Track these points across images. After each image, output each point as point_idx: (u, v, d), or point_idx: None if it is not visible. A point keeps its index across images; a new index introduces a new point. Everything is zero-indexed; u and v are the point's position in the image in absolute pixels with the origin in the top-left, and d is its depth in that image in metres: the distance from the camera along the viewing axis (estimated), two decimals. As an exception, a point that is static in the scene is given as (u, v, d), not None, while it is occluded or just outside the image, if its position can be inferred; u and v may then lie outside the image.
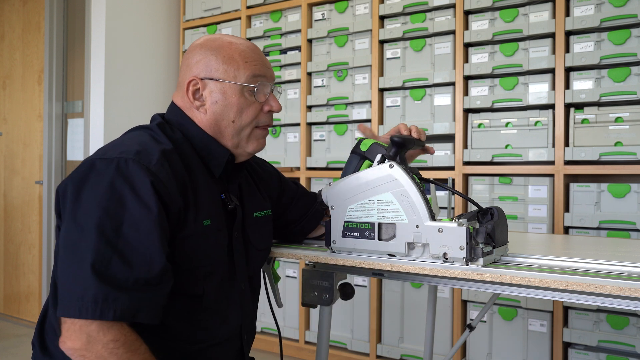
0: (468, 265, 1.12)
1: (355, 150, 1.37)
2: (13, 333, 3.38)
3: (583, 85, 2.32)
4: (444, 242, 1.14)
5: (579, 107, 2.37)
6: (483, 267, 1.12)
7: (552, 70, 2.39)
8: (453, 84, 2.58)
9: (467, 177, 2.57)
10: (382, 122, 2.79)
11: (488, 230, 1.14)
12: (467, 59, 2.56)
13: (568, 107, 2.37)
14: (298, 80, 3.05)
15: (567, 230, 2.35)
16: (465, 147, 2.55)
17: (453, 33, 2.58)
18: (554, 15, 2.37)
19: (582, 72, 2.33)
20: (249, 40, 1.23)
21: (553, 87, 2.39)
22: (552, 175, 2.39)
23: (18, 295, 3.72)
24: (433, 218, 1.17)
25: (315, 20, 3.01)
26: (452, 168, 2.59)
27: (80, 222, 0.97)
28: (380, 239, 1.23)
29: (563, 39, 2.34)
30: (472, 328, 1.76)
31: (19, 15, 3.74)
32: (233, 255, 1.20)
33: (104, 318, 0.92)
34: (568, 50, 2.35)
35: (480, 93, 2.53)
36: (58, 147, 3.47)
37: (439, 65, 2.63)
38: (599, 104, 2.32)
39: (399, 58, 2.74)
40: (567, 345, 2.33)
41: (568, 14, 2.36)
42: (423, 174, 1.39)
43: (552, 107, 2.40)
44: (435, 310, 1.91)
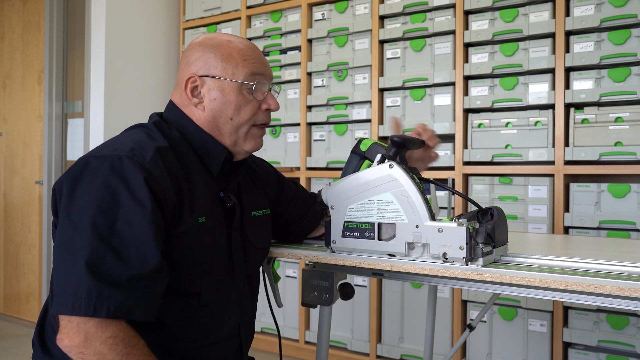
0: (468, 265, 1.12)
1: (355, 150, 1.37)
2: (13, 333, 3.38)
3: (583, 85, 2.32)
4: (444, 242, 1.14)
5: (579, 107, 2.37)
6: (483, 267, 1.12)
7: (552, 70, 2.39)
8: (453, 84, 2.58)
9: (467, 177, 2.57)
10: (382, 122, 2.79)
11: (488, 230, 1.14)
12: (467, 59, 2.56)
13: (568, 107, 2.37)
14: (298, 80, 3.05)
15: (567, 230, 2.35)
16: (465, 147, 2.55)
17: (453, 33, 2.58)
18: (554, 15, 2.37)
19: (582, 72, 2.33)
20: (249, 40, 1.23)
21: (553, 87, 2.39)
22: (552, 175, 2.39)
23: (18, 295, 3.72)
24: (433, 218, 1.17)
25: (315, 20, 3.01)
26: (452, 168, 2.59)
27: (75, 219, 0.97)
28: (380, 239, 1.23)
29: (563, 39, 2.34)
30: (472, 328, 1.76)
31: (19, 15, 3.74)
32: (231, 254, 1.20)
33: (98, 315, 0.91)
34: (568, 50, 2.35)
35: (480, 93, 2.53)
36: (58, 147, 3.47)
37: (439, 65, 2.63)
38: (599, 104, 2.32)
39: (399, 58, 2.74)
40: (567, 345, 2.33)
41: (568, 14, 2.36)
42: (423, 174, 1.38)
43: (552, 107, 2.40)
44: (435, 310, 1.91)
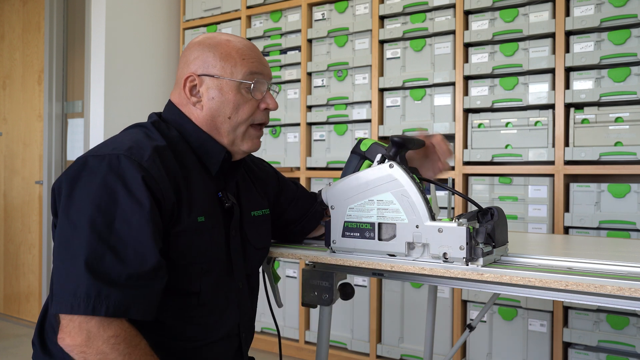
0: (468, 265, 1.12)
1: (355, 150, 1.37)
2: (13, 333, 3.38)
3: (583, 85, 2.32)
4: (444, 242, 1.14)
5: (579, 107, 2.37)
6: (483, 267, 1.12)
7: (552, 70, 2.39)
8: (453, 84, 2.58)
9: (467, 177, 2.57)
10: (382, 122, 2.79)
11: (488, 230, 1.14)
12: (467, 59, 2.56)
13: (568, 107, 2.37)
14: (298, 80, 3.05)
15: (567, 230, 2.35)
16: (465, 147, 2.55)
17: (453, 33, 2.58)
18: (554, 15, 2.37)
19: (582, 72, 2.32)
20: (248, 40, 1.23)
21: (553, 87, 2.39)
22: (552, 175, 2.39)
23: (18, 295, 3.72)
24: (433, 218, 1.17)
25: (315, 20, 3.01)
26: (452, 168, 2.59)
27: (73, 219, 0.97)
28: (380, 239, 1.23)
29: (563, 39, 2.33)
30: (472, 328, 1.76)
31: (19, 15, 3.74)
32: (230, 254, 1.20)
33: (97, 314, 0.92)
34: (568, 50, 2.35)
35: (480, 93, 2.52)
36: (58, 147, 3.47)
37: (439, 65, 2.63)
38: (599, 104, 2.31)
39: (399, 58, 2.74)
40: (567, 345, 2.33)
41: (568, 14, 2.36)
42: (423, 174, 1.39)
43: (552, 107, 2.40)
44: (435, 310, 1.91)
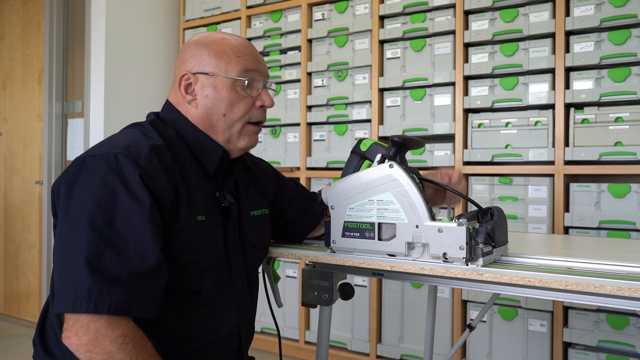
0: (468, 265, 1.12)
1: (355, 150, 1.37)
2: (13, 333, 3.38)
3: (583, 85, 2.32)
4: (444, 242, 1.14)
5: (579, 107, 2.36)
6: (483, 267, 1.12)
7: (552, 70, 2.39)
8: (453, 84, 2.58)
9: (467, 177, 2.57)
10: (382, 122, 2.79)
11: (488, 230, 1.14)
12: (467, 59, 2.56)
13: (568, 107, 2.37)
14: (298, 80, 3.05)
15: (567, 230, 2.35)
16: (465, 147, 2.55)
17: (453, 33, 2.58)
18: (554, 15, 2.37)
19: (582, 72, 2.32)
20: (245, 38, 1.23)
21: (553, 87, 2.39)
22: (552, 175, 2.39)
23: (18, 295, 3.72)
24: (433, 218, 1.17)
25: (315, 20, 3.01)
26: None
27: (73, 218, 0.97)
28: (380, 239, 1.23)
29: (563, 39, 2.33)
30: (472, 328, 1.76)
31: (19, 15, 3.74)
32: (228, 253, 1.20)
33: (99, 312, 0.92)
34: (568, 50, 2.35)
35: (480, 93, 2.52)
36: (58, 147, 3.47)
37: (439, 65, 2.63)
38: (599, 104, 2.31)
39: (399, 58, 2.74)
40: (567, 345, 2.33)
41: (568, 14, 2.36)
42: (423, 174, 1.39)
43: (552, 107, 2.39)
44: (435, 310, 1.91)
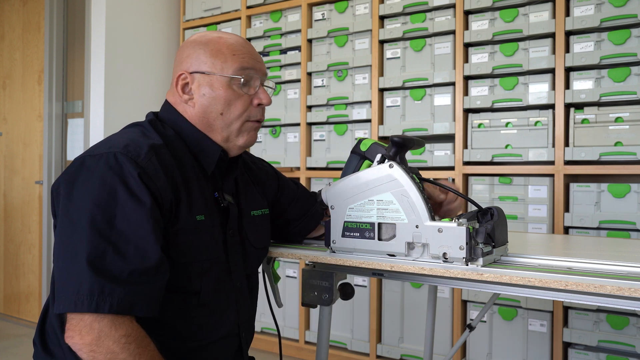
0: (468, 265, 1.12)
1: (355, 150, 1.37)
2: (13, 333, 3.38)
3: (583, 85, 2.32)
4: (444, 242, 1.14)
5: (579, 107, 2.36)
6: (483, 267, 1.12)
7: (552, 70, 2.39)
8: (453, 84, 2.58)
9: (467, 177, 2.57)
10: (382, 122, 2.79)
11: (488, 230, 1.14)
12: (467, 59, 2.56)
13: (568, 107, 2.37)
14: (298, 80, 3.05)
15: (567, 230, 2.35)
16: (465, 147, 2.55)
17: (453, 33, 2.58)
18: (554, 15, 2.37)
19: (582, 72, 2.32)
20: (242, 37, 1.22)
21: (553, 87, 2.39)
22: (552, 175, 2.39)
23: (18, 295, 3.72)
24: (433, 218, 1.17)
25: (315, 20, 3.01)
26: (452, 168, 2.59)
27: (73, 218, 0.97)
28: (380, 239, 1.23)
29: (563, 39, 2.33)
30: (472, 328, 1.76)
31: (19, 15, 3.74)
32: (228, 253, 1.20)
33: (100, 311, 0.91)
34: (568, 50, 2.35)
35: (480, 93, 2.52)
36: (58, 147, 3.47)
37: (439, 65, 2.63)
38: (599, 104, 2.31)
39: (399, 58, 2.74)
40: (567, 345, 2.33)
41: (568, 14, 2.36)
42: (423, 174, 1.39)
43: (552, 107, 2.39)
44: (435, 310, 1.91)
